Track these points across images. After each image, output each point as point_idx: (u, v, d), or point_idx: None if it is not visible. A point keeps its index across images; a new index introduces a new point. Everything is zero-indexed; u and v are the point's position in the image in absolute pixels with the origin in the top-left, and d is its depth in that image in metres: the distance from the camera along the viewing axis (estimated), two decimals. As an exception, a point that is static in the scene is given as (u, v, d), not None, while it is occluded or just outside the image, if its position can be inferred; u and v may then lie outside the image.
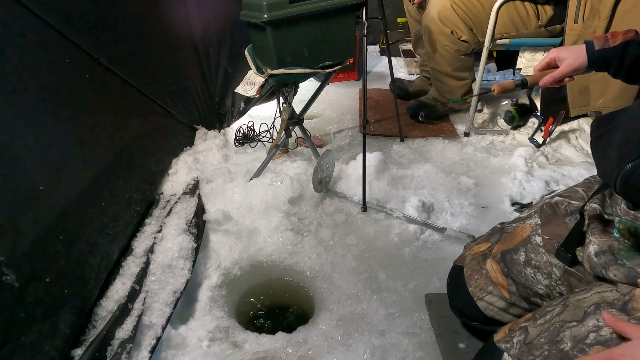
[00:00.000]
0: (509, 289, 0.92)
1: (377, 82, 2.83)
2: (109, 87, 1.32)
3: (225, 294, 1.32)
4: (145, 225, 1.36)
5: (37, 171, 0.97)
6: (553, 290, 0.84)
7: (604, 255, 0.70)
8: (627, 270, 0.65)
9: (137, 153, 1.44)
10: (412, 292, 1.30)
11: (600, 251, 0.72)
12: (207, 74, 1.83)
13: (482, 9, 1.96)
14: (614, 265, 0.68)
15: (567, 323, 0.69)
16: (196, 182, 1.62)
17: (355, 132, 2.21)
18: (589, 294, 0.70)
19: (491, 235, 1.05)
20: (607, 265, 0.69)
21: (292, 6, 1.34)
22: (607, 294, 0.67)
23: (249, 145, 2.02)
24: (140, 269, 1.19)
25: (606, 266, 0.69)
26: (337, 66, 1.54)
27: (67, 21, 1.13)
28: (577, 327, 0.67)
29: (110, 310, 1.07)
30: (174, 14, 1.62)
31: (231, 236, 1.46)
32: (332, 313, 1.24)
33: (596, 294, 0.69)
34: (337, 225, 1.56)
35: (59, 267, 0.97)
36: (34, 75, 1.02)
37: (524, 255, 0.90)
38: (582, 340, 0.65)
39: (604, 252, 0.71)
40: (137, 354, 1.03)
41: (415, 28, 2.42)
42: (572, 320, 0.69)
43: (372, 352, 1.12)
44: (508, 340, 0.77)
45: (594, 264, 0.73)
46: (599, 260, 0.71)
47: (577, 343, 0.66)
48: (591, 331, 0.65)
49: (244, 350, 1.15)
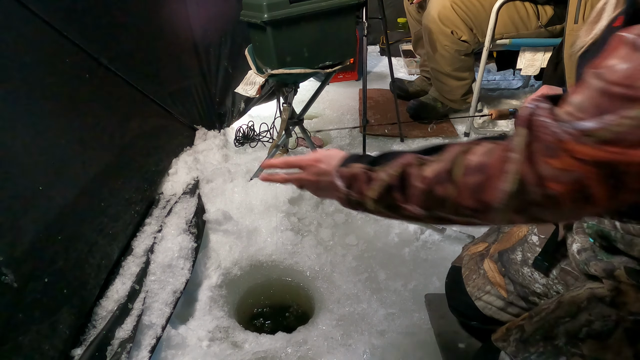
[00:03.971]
0: (506, 288, 0.92)
1: (377, 82, 2.83)
2: (109, 87, 1.32)
3: (225, 294, 1.32)
4: (145, 225, 1.36)
5: (36, 171, 0.97)
6: (550, 289, 0.85)
7: (585, 253, 0.73)
8: (604, 265, 0.68)
9: (137, 153, 1.44)
10: (412, 292, 1.30)
11: (582, 249, 0.74)
12: (207, 74, 1.83)
13: (482, 9, 1.95)
14: (594, 261, 0.70)
15: (561, 319, 0.71)
16: (196, 182, 1.62)
17: (355, 132, 2.21)
18: (581, 290, 0.72)
19: (488, 236, 1.05)
20: (587, 261, 0.71)
21: (292, 6, 1.34)
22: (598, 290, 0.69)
23: (249, 145, 2.02)
24: (140, 269, 1.19)
25: (587, 262, 0.71)
26: (337, 66, 1.54)
27: (67, 21, 1.13)
28: (571, 323, 0.69)
29: (110, 310, 1.07)
30: (174, 14, 1.62)
31: (231, 236, 1.46)
32: (332, 313, 1.24)
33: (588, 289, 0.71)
34: (337, 225, 1.56)
35: (58, 267, 0.97)
36: (34, 75, 1.02)
37: (520, 255, 0.90)
38: (575, 335, 0.68)
39: (585, 249, 0.73)
40: (137, 354, 1.03)
41: (416, 28, 2.42)
42: (565, 316, 0.70)
43: (372, 352, 1.12)
44: (505, 339, 0.78)
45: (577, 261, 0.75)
46: (581, 257, 0.73)
47: (571, 338, 0.68)
48: (583, 325, 0.67)
49: (244, 350, 1.14)
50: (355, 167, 0.64)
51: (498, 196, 0.47)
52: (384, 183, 0.59)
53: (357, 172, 0.63)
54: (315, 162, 0.71)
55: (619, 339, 0.65)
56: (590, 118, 0.41)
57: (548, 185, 0.43)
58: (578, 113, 0.42)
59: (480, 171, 0.49)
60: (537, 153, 0.44)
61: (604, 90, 0.41)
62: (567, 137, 0.42)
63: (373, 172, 0.61)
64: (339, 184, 0.65)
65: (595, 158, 0.40)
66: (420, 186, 0.54)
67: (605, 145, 0.40)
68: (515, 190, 0.45)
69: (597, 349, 0.66)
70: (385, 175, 0.59)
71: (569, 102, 0.44)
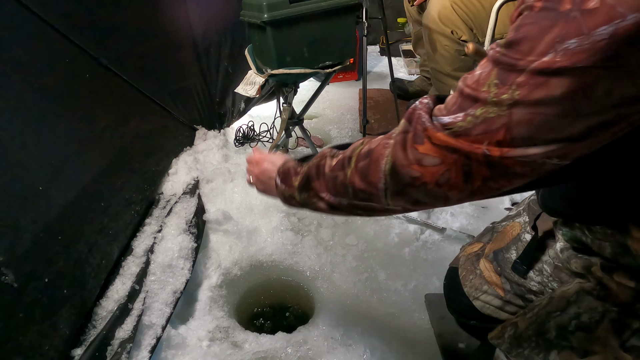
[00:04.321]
0: (503, 287, 0.93)
1: (377, 82, 2.83)
2: (109, 87, 1.32)
3: (225, 294, 1.32)
4: (145, 225, 1.36)
5: (36, 171, 0.97)
6: (546, 286, 0.86)
7: (566, 251, 0.76)
8: (583, 262, 0.72)
9: (137, 153, 1.44)
10: (412, 292, 1.30)
11: (564, 248, 0.77)
12: (207, 74, 1.83)
13: (482, 9, 1.95)
14: (574, 259, 0.74)
15: (552, 313, 0.73)
16: (196, 182, 1.62)
17: (355, 132, 2.21)
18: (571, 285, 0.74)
19: (483, 235, 1.06)
20: (569, 259, 0.75)
21: (292, 6, 1.34)
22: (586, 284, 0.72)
23: (249, 145, 2.02)
24: (140, 269, 1.19)
25: (569, 260, 0.75)
26: (337, 66, 1.54)
27: (67, 21, 1.13)
28: (561, 316, 0.71)
29: (110, 310, 1.07)
30: (174, 14, 1.62)
31: (231, 236, 1.46)
32: (332, 313, 1.24)
33: (577, 283, 0.73)
34: (337, 225, 1.56)
35: (58, 267, 0.97)
36: (34, 75, 1.02)
37: (515, 253, 0.91)
38: (565, 328, 0.70)
39: (567, 248, 0.77)
40: (137, 354, 1.03)
41: (416, 28, 2.42)
42: (556, 310, 0.73)
43: (372, 352, 1.12)
44: (500, 336, 0.80)
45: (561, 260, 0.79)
46: (563, 255, 0.77)
47: (561, 331, 0.70)
48: (572, 318, 0.70)
49: (244, 350, 1.14)
50: (289, 163, 0.75)
51: (379, 177, 0.55)
52: (304, 173, 0.68)
53: (289, 167, 0.73)
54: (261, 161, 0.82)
55: (605, 329, 0.67)
56: (449, 114, 0.48)
57: (412, 167, 0.51)
58: (444, 110, 0.50)
59: (368, 156, 0.57)
60: (409, 140, 0.51)
61: (461, 91, 0.49)
62: (431, 127, 0.49)
63: (300, 166, 0.71)
64: (277, 180, 0.75)
65: (448, 144, 0.48)
66: (328, 173, 0.63)
67: (457, 137, 0.47)
68: (390, 171, 0.53)
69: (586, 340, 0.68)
70: (306, 167, 0.68)
71: (445, 101, 0.51)
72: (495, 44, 0.47)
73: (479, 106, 0.45)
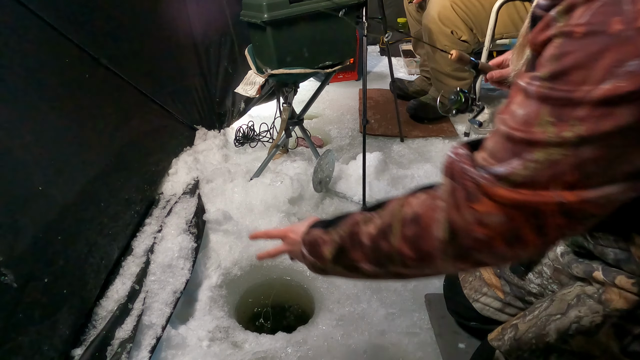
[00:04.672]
0: (502, 290, 0.93)
1: (377, 82, 2.83)
2: (109, 87, 1.32)
3: (225, 294, 1.32)
4: (145, 225, 1.36)
5: (36, 171, 0.97)
6: (545, 288, 0.86)
7: (567, 255, 0.76)
8: (584, 267, 0.71)
9: (137, 153, 1.44)
10: (412, 292, 1.30)
11: (565, 252, 0.77)
12: (207, 74, 1.83)
13: (482, 9, 1.95)
14: (575, 263, 0.73)
15: (552, 316, 0.73)
16: (196, 182, 1.62)
17: (355, 132, 2.21)
18: (572, 287, 0.74)
19: None
20: (570, 263, 0.75)
21: (292, 6, 1.34)
22: (587, 287, 0.72)
23: (249, 145, 2.02)
24: (140, 269, 1.19)
25: (570, 264, 0.75)
26: (337, 66, 1.53)
27: (67, 21, 1.13)
28: (561, 320, 0.71)
29: (110, 310, 1.07)
30: (174, 14, 1.62)
31: (231, 236, 1.46)
32: (332, 313, 1.24)
33: (578, 286, 0.73)
34: (337, 225, 1.56)
35: (58, 268, 0.97)
36: (34, 75, 1.02)
37: None
38: (565, 331, 0.70)
39: (568, 252, 0.77)
40: (137, 354, 1.03)
41: (416, 28, 2.41)
42: (557, 313, 0.72)
43: (372, 352, 1.12)
44: (500, 338, 0.79)
45: (562, 263, 0.79)
46: (564, 259, 0.77)
47: (561, 335, 0.70)
48: (573, 322, 0.69)
49: (244, 350, 1.14)
50: (314, 232, 0.65)
51: (435, 245, 0.48)
52: (336, 244, 0.60)
53: (315, 237, 0.64)
54: (288, 233, 0.73)
55: (606, 334, 0.66)
56: (501, 163, 0.42)
57: (475, 229, 0.44)
58: (491, 158, 0.44)
59: (416, 222, 0.50)
60: (461, 199, 0.45)
61: (508, 136, 0.42)
62: (485, 182, 0.43)
63: (327, 234, 0.62)
64: (304, 251, 0.67)
65: (512, 201, 0.41)
66: (367, 243, 0.56)
67: (518, 188, 0.41)
68: (448, 237, 0.47)
69: (586, 344, 0.68)
70: (337, 237, 0.60)
71: (484, 147, 0.46)
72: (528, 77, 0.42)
73: (538, 149, 0.40)
